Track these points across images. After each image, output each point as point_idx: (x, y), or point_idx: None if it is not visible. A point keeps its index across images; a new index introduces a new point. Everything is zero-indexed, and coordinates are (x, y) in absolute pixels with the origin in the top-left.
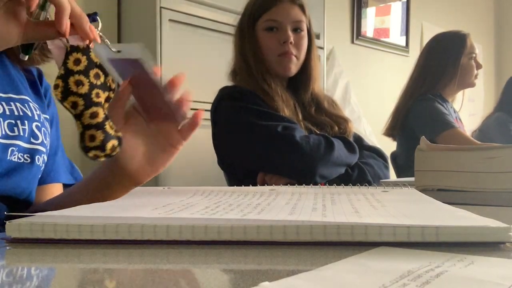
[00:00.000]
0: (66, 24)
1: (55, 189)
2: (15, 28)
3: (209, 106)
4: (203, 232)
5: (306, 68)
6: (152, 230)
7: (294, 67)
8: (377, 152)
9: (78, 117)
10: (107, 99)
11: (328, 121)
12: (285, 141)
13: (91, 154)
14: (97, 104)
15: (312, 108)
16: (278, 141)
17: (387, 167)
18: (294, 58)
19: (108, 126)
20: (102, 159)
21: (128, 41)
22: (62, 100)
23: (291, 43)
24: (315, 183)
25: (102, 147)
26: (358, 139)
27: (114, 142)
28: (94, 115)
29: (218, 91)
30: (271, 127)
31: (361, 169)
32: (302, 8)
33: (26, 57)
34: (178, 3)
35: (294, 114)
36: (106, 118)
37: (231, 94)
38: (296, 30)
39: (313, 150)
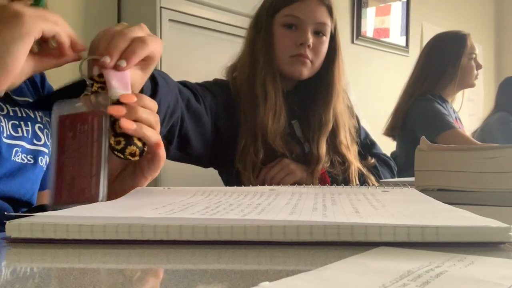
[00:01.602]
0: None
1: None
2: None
3: None
4: (203, 232)
5: (327, 80)
6: (152, 230)
7: (306, 71)
8: (385, 162)
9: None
10: None
11: (328, 155)
12: None
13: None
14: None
15: (319, 132)
16: None
17: (394, 177)
18: (308, 62)
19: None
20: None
21: None
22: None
23: (308, 46)
24: None
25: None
26: (367, 146)
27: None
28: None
29: None
30: None
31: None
32: (329, 9)
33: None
34: (178, 3)
35: (279, 128)
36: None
37: None
38: (318, 33)
39: None
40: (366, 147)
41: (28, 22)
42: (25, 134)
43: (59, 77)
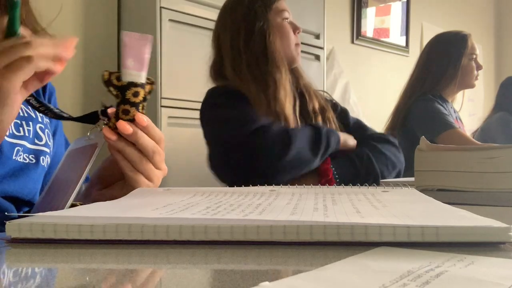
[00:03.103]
0: None
1: None
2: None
3: None
4: (203, 232)
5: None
6: (152, 230)
7: None
8: (384, 140)
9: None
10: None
11: (309, 108)
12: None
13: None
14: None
15: (306, 97)
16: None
17: (399, 151)
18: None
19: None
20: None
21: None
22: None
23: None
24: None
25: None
26: (360, 128)
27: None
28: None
29: (206, 93)
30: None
31: (369, 159)
32: None
33: None
34: (178, 3)
35: (292, 105)
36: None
37: (219, 94)
38: None
39: (268, 152)
40: (357, 129)
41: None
42: (27, 134)
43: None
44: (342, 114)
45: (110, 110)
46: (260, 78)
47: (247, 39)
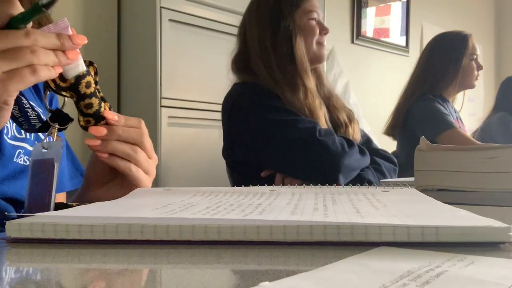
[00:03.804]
0: None
1: (59, 198)
2: None
3: (209, 106)
4: (203, 232)
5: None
6: (152, 230)
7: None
8: (386, 158)
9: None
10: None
11: (339, 119)
12: (310, 142)
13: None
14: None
15: (332, 104)
16: (302, 142)
17: (395, 171)
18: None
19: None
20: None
21: (128, 41)
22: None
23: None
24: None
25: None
26: (367, 141)
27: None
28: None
29: (236, 87)
30: (301, 129)
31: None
32: None
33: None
34: (178, 3)
35: (321, 109)
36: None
37: (256, 92)
38: None
39: (338, 149)
40: (366, 142)
41: None
42: (28, 136)
43: None
44: None
45: None
46: (291, 81)
47: (274, 40)
